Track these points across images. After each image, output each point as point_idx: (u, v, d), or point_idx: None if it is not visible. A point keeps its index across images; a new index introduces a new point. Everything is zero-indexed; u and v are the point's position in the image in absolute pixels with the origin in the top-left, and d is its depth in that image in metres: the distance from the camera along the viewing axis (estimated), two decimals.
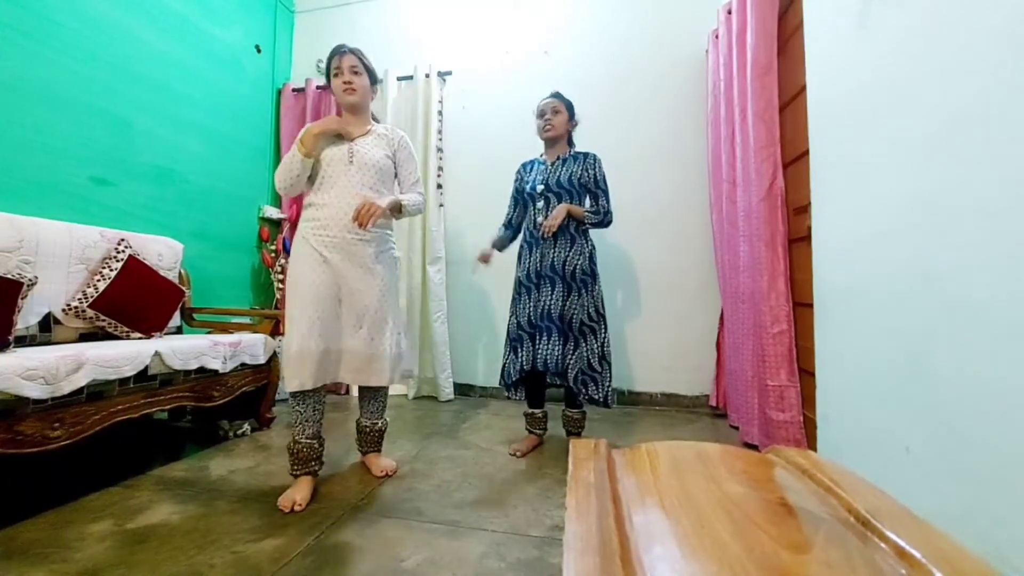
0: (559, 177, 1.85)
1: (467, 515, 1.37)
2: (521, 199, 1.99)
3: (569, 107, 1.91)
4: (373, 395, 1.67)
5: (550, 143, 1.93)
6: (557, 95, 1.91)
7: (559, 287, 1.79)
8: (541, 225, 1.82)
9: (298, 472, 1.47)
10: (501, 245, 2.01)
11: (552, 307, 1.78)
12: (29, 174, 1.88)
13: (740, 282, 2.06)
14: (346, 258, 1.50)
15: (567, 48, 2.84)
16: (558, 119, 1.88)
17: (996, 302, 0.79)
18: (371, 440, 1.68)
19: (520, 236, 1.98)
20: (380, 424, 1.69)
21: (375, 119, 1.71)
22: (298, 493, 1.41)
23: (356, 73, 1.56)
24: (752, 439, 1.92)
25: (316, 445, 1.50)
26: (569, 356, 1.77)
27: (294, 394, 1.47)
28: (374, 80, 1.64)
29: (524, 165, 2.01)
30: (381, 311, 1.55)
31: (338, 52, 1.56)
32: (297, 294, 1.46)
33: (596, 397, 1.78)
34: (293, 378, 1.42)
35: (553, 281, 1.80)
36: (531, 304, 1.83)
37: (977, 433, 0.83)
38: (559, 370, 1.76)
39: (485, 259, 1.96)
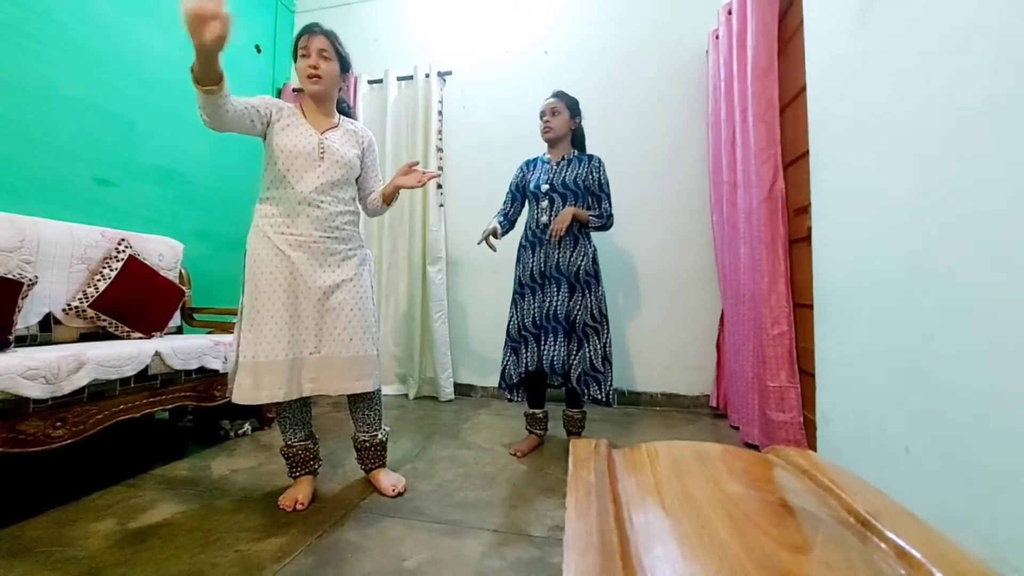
0: (564, 178, 1.85)
1: (468, 515, 1.37)
2: (520, 195, 1.98)
3: (570, 105, 1.89)
4: (366, 404, 1.51)
5: (552, 144, 1.93)
6: (558, 95, 1.90)
7: (564, 287, 1.79)
8: (546, 225, 1.82)
9: (297, 474, 1.47)
10: (501, 233, 1.94)
11: (558, 308, 1.78)
12: (31, 174, 1.88)
13: (741, 283, 2.06)
14: (313, 257, 1.38)
15: (567, 48, 2.83)
16: (557, 120, 1.87)
17: (996, 303, 0.79)
18: (373, 455, 1.53)
19: (517, 232, 1.98)
20: (380, 436, 1.53)
21: (348, 114, 1.59)
22: (299, 492, 1.41)
23: (325, 58, 1.40)
24: (752, 439, 1.92)
25: (311, 445, 1.49)
26: (573, 357, 1.77)
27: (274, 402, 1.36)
28: (346, 68, 1.48)
29: (527, 162, 2.01)
30: (359, 311, 1.43)
31: (308, 31, 1.39)
32: (260, 297, 1.33)
33: (598, 397, 1.78)
34: (260, 389, 1.30)
35: (559, 281, 1.80)
36: (535, 305, 1.83)
37: (977, 433, 0.83)
38: (563, 371, 1.76)
39: (494, 235, 1.87)
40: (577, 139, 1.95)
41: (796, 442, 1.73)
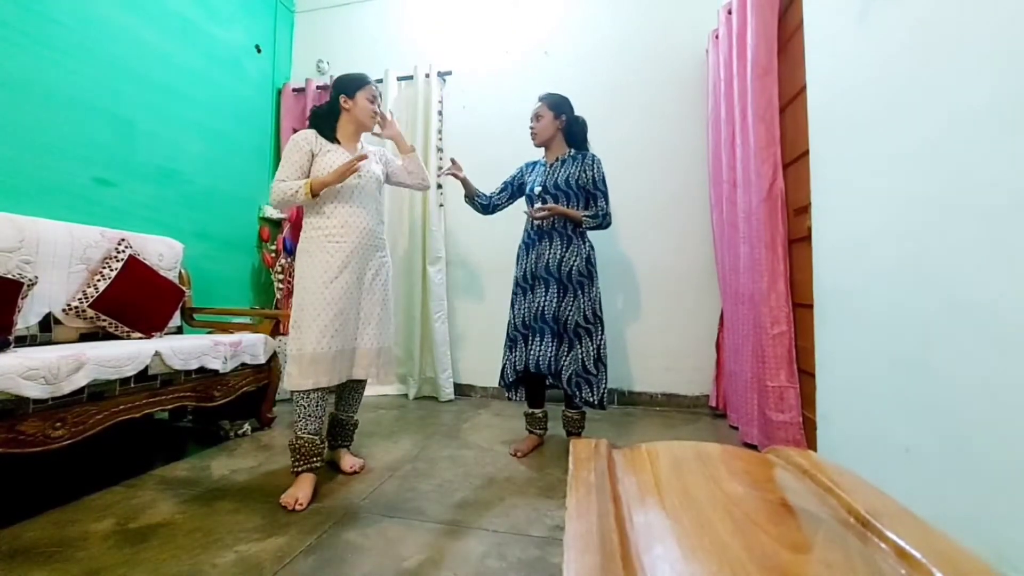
0: (557, 179, 1.85)
1: (468, 515, 1.37)
2: (510, 189, 2.02)
3: (554, 105, 1.88)
4: (355, 387, 1.73)
5: (544, 147, 1.93)
6: (542, 97, 1.90)
7: (553, 288, 1.79)
8: (539, 227, 1.84)
9: (300, 468, 1.48)
10: (472, 193, 2.00)
11: (546, 308, 1.78)
12: (30, 174, 1.88)
13: (740, 283, 2.06)
14: (360, 262, 1.60)
15: (567, 48, 2.83)
16: (540, 124, 1.88)
17: (996, 302, 0.79)
18: (345, 434, 1.73)
19: (518, 234, 1.99)
20: (356, 417, 1.76)
21: None
22: (300, 491, 1.42)
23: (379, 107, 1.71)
24: (752, 439, 1.92)
25: (318, 441, 1.51)
26: (563, 358, 1.77)
27: (299, 391, 1.50)
28: None
29: (528, 164, 2.03)
30: (387, 308, 1.68)
31: (373, 82, 1.69)
32: (310, 298, 1.52)
33: (590, 399, 1.77)
34: (307, 377, 1.47)
35: (547, 282, 1.80)
36: (527, 305, 1.84)
37: (977, 433, 0.83)
38: (552, 371, 1.75)
39: (456, 170, 1.93)
40: (571, 136, 1.92)
41: (795, 442, 1.73)
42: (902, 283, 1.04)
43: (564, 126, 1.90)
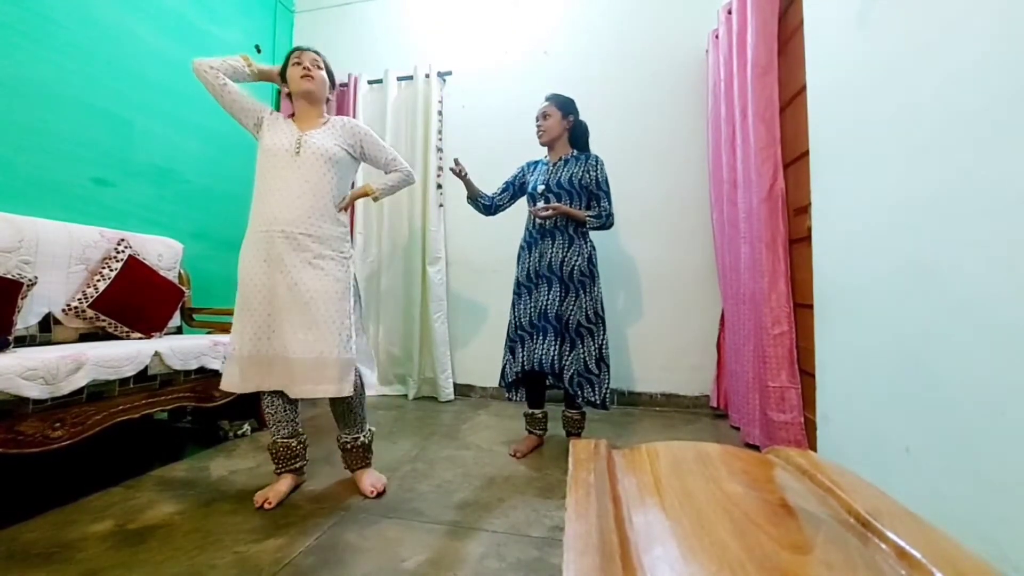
0: (560, 178, 1.85)
1: (467, 515, 1.37)
2: (511, 189, 2.02)
3: (562, 105, 1.89)
4: (345, 406, 1.50)
5: (549, 146, 1.93)
6: (549, 97, 1.91)
7: (556, 287, 1.79)
8: (541, 226, 1.84)
9: (279, 471, 1.50)
10: (475, 194, 1.99)
11: (549, 307, 1.78)
12: (29, 174, 1.88)
13: (741, 283, 2.06)
14: (290, 251, 1.38)
15: (566, 48, 2.83)
16: (548, 123, 1.88)
17: (996, 302, 0.79)
18: (355, 457, 1.52)
19: (519, 234, 1.99)
20: (363, 438, 1.53)
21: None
22: (272, 490, 1.43)
23: (317, 66, 1.53)
24: (754, 440, 1.92)
25: (294, 444, 1.51)
26: (566, 357, 1.77)
27: (260, 395, 1.48)
28: (332, 84, 1.60)
29: (530, 164, 2.03)
30: (328, 311, 1.39)
31: (300, 48, 1.56)
32: (241, 292, 1.43)
33: (592, 399, 1.77)
34: (232, 378, 1.42)
35: (551, 281, 1.80)
36: (530, 304, 1.84)
37: (978, 432, 0.83)
38: (555, 371, 1.75)
39: (460, 170, 1.88)
40: (575, 137, 1.94)
41: (797, 442, 1.73)
42: (902, 283, 1.04)
43: (570, 126, 1.91)
